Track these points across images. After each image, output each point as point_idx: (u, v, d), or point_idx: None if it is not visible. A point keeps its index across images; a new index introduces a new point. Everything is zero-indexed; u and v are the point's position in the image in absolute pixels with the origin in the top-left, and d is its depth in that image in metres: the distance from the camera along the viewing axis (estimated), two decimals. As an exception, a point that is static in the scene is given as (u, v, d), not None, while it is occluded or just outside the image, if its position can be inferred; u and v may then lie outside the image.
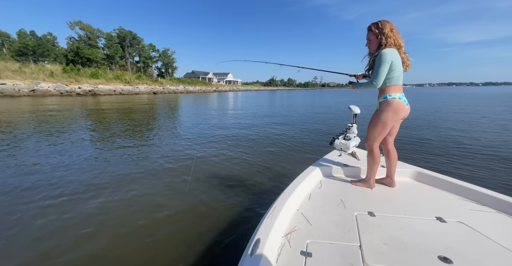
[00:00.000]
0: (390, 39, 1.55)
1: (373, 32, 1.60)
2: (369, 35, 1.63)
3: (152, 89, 38.21)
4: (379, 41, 1.59)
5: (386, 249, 1.02)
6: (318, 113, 11.87)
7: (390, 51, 1.52)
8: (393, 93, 1.59)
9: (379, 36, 1.57)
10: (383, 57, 1.52)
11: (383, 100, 1.62)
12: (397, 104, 1.59)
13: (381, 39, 1.57)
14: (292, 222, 1.24)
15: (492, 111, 11.61)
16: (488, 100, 19.37)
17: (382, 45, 1.57)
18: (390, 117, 1.60)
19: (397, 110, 1.59)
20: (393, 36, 1.56)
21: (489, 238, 1.12)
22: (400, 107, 1.59)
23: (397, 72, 1.56)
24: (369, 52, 1.71)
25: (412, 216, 1.33)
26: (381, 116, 1.62)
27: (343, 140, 2.18)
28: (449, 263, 0.94)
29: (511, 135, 6.05)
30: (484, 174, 3.34)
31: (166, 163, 3.92)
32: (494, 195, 1.47)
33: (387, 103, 1.60)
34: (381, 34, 1.57)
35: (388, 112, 1.60)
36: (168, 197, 2.74)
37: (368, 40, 1.65)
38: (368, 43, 1.67)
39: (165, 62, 56.56)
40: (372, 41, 1.62)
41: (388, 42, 1.55)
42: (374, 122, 1.66)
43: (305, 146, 5.13)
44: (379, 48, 1.58)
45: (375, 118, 1.67)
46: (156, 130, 6.91)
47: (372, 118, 1.69)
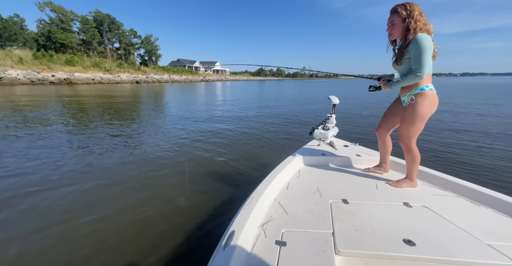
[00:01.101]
0: (420, 23, 1.38)
1: (399, 14, 1.40)
2: (394, 18, 1.43)
3: (134, 78, 36.38)
4: (406, 25, 1.40)
5: (356, 235, 1.07)
6: (303, 104, 11.83)
7: (427, 36, 1.34)
8: (429, 84, 1.46)
9: (407, 20, 1.39)
10: (425, 43, 1.33)
11: (419, 92, 1.45)
12: (434, 96, 1.46)
13: (409, 23, 1.38)
14: (269, 212, 1.25)
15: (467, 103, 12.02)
16: (465, 92, 20.15)
17: (411, 29, 1.38)
18: (429, 111, 1.47)
19: (434, 103, 1.47)
20: (423, 20, 1.40)
21: (449, 221, 1.20)
22: (436, 99, 1.48)
23: (430, 59, 1.40)
24: (391, 39, 1.53)
25: (382, 202, 1.40)
26: (419, 111, 1.46)
27: (322, 130, 2.22)
28: (412, 245, 1.01)
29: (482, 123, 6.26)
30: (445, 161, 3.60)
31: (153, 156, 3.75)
32: (454, 180, 1.56)
33: (424, 96, 1.45)
34: (409, 17, 1.38)
35: (426, 105, 1.45)
36: (142, 190, 2.65)
37: (391, 23, 1.46)
38: (390, 28, 1.47)
39: (148, 49, 53.61)
40: (397, 25, 1.43)
41: (418, 26, 1.37)
42: (412, 118, 1.49)
43: (288, 136, 5.11)
44: (407, 34, 1.40)
45: (412, 113, 1.48)
46: (142, 123, 6.57)
47: (407, 113, 1.51)
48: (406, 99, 1.53)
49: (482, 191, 1.44)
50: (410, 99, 1.49)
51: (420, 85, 1.45)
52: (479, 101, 12.60)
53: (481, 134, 5.23)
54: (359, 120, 6.94)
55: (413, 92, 1.47)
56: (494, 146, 4.35)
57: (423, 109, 1.45)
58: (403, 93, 1.56)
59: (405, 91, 1.53)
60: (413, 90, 1.47)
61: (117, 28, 46.36)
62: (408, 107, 1.51)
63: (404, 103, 1.56)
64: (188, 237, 1.88)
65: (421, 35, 1.35)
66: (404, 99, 1.56)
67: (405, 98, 1.55)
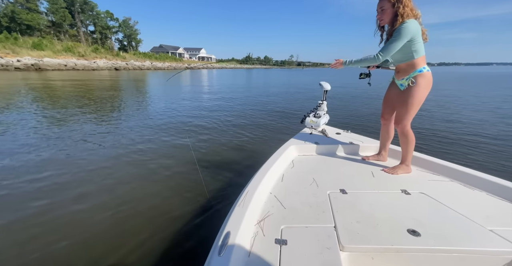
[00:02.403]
0: (408, 8, 1.36)
1: (388, 0, 1.39)
2: (383, 3, 1.42)
3: (113, 64, 34.08)
4: (395, 11, 1.39)
5: (359, 228, 1.03)
6: (292, 93, 11.64)
7: (412, 24, 1.35)
8: (425, 66, 1.46)
9: (396, 5, 1.37)
10: (404, 31, 1.34)
11: (418, 74, 1.45)
12: (431, 77, 1.47)
13: (398, 8, 1.37)
14: (265, 207, 1.18)
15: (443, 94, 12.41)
16: (446, 84, 20.87)
17: (399, 15, 1.37)
18: (426, 93, 1.48)
19: (430, 83, 1.48)
20: (410, 4, 1.38)
21: (449, 207, 1.19)
22: (432, 80, 1.48)
23: (420, 43, 1.42)
24: (380, 24, 1.51)
25: (380, 191, 1.37)
26: (419, 93, 1.45)
27: (314, 118, 2.17)
28: (417, 236, 0.98)
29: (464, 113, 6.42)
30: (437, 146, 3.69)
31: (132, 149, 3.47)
32: (447, 164, 1.58)
33: (423, 77, 1.44)
34: (398, 2, 1.36)
35: (425, 87, 1.46)
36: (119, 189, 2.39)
37: (381, 9, 1.44)
38: (380, 14, 1.46)
39: (127, 33, 50.07)
40: (386, 11, 1.42)
41: (406, 12, 1.36)
42: (412, 101, 1.47)
43: (279, 125, 4.97)
44: (395, 19, 1.41)
45: (411, 96, 1.47)
46: (123, 113, 6.13)
47: (406, 96, 1.49)
48: (405, 82, 1.51)
49: (475, 174, 1.45)
50: (410, 82, 1.48)
51: (418, 67, 1.45)
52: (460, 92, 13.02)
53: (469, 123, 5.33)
54: (347, 107, 6.91)
55: (412, 75, 1.46)
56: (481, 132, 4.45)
57: (422, 91, 1.46)
58: (400, 77, 1.55)
59: (402, 75, 1.52)
60: (412, 73, 1.46)
61: (91, 9, 42.55)
62: (407, 91, 1.50)
63: (402, 86, 1.55)
64: (175, 244, 1.63)
65: (406, 24, 1.34)
66: (402, 83, 1.54)
67: (403, 82, 1.53)
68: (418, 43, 1.40)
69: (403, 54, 1.46)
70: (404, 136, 1.58)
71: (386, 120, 1.78)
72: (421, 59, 1.45)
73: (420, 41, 1.41)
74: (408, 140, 1.57)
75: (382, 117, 1.81)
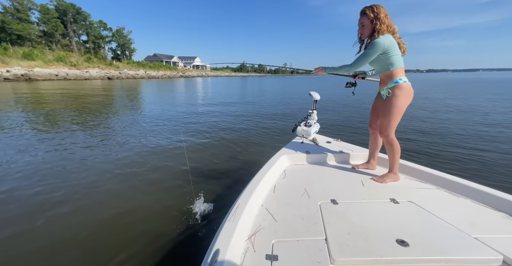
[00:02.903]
0: (384, 25, 1.48)
1: (368, 16, 1.49)
2: (363, 20, 1.52)
3: (106, 74, 33.80)
4: (373, 27, 1.50)
5: (350, 239, 1.03)
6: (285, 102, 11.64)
7: (384, 39, 1.45)
8: (403, 77, 1.53)
9: (374, 21, 1.48)
10: (375, 46, 1.45)
11: (394, 85, 1.53)
12: (409, 88, 1.53)
13: (375, 25, 1.48)
14: (257, 221, 1.16)
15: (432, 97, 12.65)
16: (436, 87, 21.38)
17: (376, 31, 1.49)
18: (405, 102, 1.53)
19: (410, 95, 1.54)
20: (387, 21, 1.49)
21: (435, 216, 1.20)
22: (411, 91, 1.55)
23: (396, 55, 1.50)
24: (360, 38, 1.62)
25: (370, 200, 1.37)
26: (397, 103, 1.52)
27: (305, 127, 2.20)
28: (406, 246, 0.98)
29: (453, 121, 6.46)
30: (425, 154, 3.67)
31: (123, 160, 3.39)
32: (433, 172, 1.59)
33: (399, 88, 1.51)
34: (376, 19, 1.47)
35: (403, 97, 1.52)
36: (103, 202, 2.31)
37: (362, 25, 1.54)
38: (361, 29, 1.56)
39: (120, 43, 50.06)
40: (366, 26, 1.53)
41: (382, 28, 1.48)
42: (391, 110, 1.54)
43: (271, 134, 4.98)
44: (373, 34, 1.51)
45: (390, 106, 1.54)
46: (113, 123, 5.97)
47: (387, 106, 1.56)
48: (384, 92, 1.59)
49: (459, 182, 1.47)
50: (387, 92, 1.55)
51: (394, 78, 1.52)
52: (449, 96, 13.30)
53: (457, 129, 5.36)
54: (337, 116, 6.89)
55: (389, 85, 1.54)
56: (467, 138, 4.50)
57: (400, 101, 1.51)
58: (381, 87, 1.64)
59: (383, 85, 1.62)
60: (389, 83, 1.54)
61: (84, 19, 42.57)
62: (386, 100, 1.57)
63: (384, 96, 1.61)
64: (162, 263, 1.56)
65: (378, 39, 1.44)
66: (383, 93, 1.62)
67: (383, 92, 1.61)
68: (393, 56, 1.48)
69: (380, 66, 1.57)
70: (389, 145, 1.62)
71: (374, 129, 1.82)
72: (398, 71, 1.52)
73: (396, 54, 1.49)
74: (393, 148, 1.61)
75: (370, 127, 1.85)
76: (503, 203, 1.28)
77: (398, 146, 1.61)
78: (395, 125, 1.57)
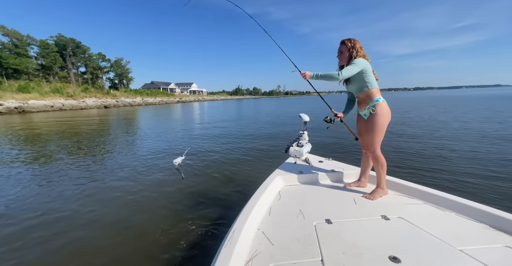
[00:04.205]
0: (360, 53, 1.69)
1: (346, 45, 1.72)
2: (342, 48, 1.75)
3: (103, 102, 33.50)
4: (350, 54, 1.71)
5: (344, 259, 1.03)
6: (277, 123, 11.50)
7: (363, 60, 1.66)
8: (381, 96, 1.67)
9: (351, 50, 1.69)
10: (357, 62, 1.64)
11: (376, 103, 1.65)
12: (387, 107, 1.67)
13: (352, 52, 1.70)
14: (253, 245, 1.16)
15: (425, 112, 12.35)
16: (420, 103, 21.50)
17: (353, 58, 1.69)
18: (386, 120, 1.66)
19: (389, 113, 1.67)
20: (362, 52, 1.71)
21: (424, 230, 1.24)
22: (389, 110, 1.68)
23: (372, 77, 1.69)
24: (340, 64, 1.83)
25: (362, 218, 1.39)
26: (380, 121, 1.64)
27: (297, 147, 2.26)
28: (398, 262, 1.00)
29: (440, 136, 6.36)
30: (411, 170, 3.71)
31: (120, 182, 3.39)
32: (420, 188, 1.66)
33: (381, 106, 1.64)
34: (353, 48, 1.70)
35: (384, 115, 1.64)
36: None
37: (340, 52, 1.77)
38: (339, 55, 1.79)
39: (118, 72, 51.11)
40: (344, 54, 1.74)
41: (358, 56, 1.68)
42: (375, 128, 1.65)
43: (266, 155, 4.99)
44: (350, 61, 1.69)
45: (374, 124, 1.65)
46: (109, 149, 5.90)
47: (370, 125, 1.67)
48: (367, 112, 1.70)
49: (445, 196, 1.51)
50: (371, 110, 1.66)
51: (374, 97, 1.67)
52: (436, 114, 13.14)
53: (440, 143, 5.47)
54: (327, 135, 6.86)
55: (371, 104, 1.67)
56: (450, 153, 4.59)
57: (381, 118, 1.63)
58: (362, 108, 1.76)
59: (363, 106, 1.74)
60: (371, 102, 1.67)
61: (83, 52, 43.80)
62: (370, 119, 1.67)
63: (366, 116, 1.72)
64: None
65: (360, 58, 1.66)
66: (364, 112, 1.73)
67: (365, 112, 1.72)
68: (370, 76, 1.67)
69: (359, 84, 1.70)
70: (375, 160, 1.71)
71: (364, 149, 1.86)
72: (376, 90, 1.68)
73: (371, 75, 1.68)
74: (379, 163, 1.69)
75: (363, 147, 1.88)
76: (483, 214, 1.33)
77: (384, 161, 1.69)
78: (380, 141, 1.66)
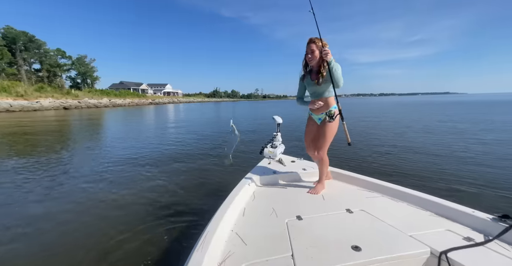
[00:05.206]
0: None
1: (316, 44, 1.67)
2: (314, 47, 1.68)
3: (62, 103, 30.09)
4: (320, 54, 1.67)
5: (313, 252, 1.08)
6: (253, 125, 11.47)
7: None
8: (335, 104, 1.74)
9: (322, 49, 1.62)
10: (339, 66, 1.63)
11: (334, 109, 1.73)
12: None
13: (321, 53, 1.63)
14: (227, 247, 1.16)
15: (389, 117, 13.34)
16: (387, 108, 23.32)
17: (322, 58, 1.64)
18: (337, 126, 1.78)
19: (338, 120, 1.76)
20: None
21: (381, 220, 1.36)
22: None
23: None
24: (311, 63, 1.75)
25: (330, 212, 1.49)
26: (334, 127, 1.76)
27: (271, 148, 2.32)
28: (359, 251, 1.08)
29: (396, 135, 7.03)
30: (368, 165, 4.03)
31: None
32: (379, 182, 1.82)
33: (335, 114, 1.73)
34: (323, 47, 1.63)
35: (337, 122, 1.76)
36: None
37: (312, 51, 1.69)
38: (312, 54, 1.69)
39: (81, 71, 46.65)
40: (315, 52, 1.68)
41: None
42: (330, 134, 1.77)
43: (242, 156, 4.90)
44: (320, 61, 1.70)
45: (330, 130, 1.76)
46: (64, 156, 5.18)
47: (326, 130, 1.76)
48: (322, 116, 1.80)
49: (398, 189, 1.68)
50: (328, 116, 1.75)
51: (332, 105, 1.75)
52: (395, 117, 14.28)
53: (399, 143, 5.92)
54: (299, 135, 7.06)
55: (330, 109, 1.75)
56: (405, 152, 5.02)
57: (335, 125, 1.76)
58: (319, 112, 1.81)
59: (321, 110, 1.79)
60: (330, 107, 1.75)
61: (38, 47, 39.12)
62: (326, 125, 1.76)
63: (320, 120, 1.83)
64: None
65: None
66: (320, 117, 1.82)
67: (321, 116, 1.81)
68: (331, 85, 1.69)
69: (326, 88, 1.73)
70: (323, 162, 1.85)
71: (311, 151, 1.93)
72: (333, 98, 1.75)
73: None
74: (325, 164, 1.87)
75: (308, 152, 1.97)
76: (429, 203, 1.49)
77: (328, 161, 1.88)
78: (329, 145, 1.83)
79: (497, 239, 1.13)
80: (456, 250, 1.06)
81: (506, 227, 1.15)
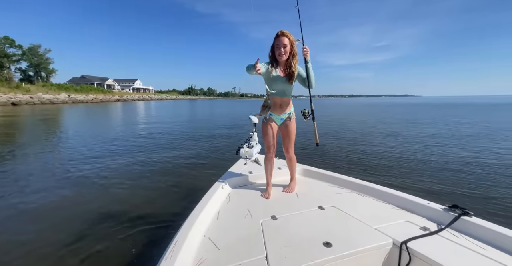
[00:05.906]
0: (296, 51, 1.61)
1: (289, 39, 1.56)
2: (286, 42, 1.55)
3: (9, 98, 26.41)
4: (291, 49, 1.58)
5: (287, 251, 1.09)
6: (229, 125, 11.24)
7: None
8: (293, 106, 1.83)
9: (292, 45, 1.57)
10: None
11: (292, 111, 1.81)
12: None
13: (292, 48, 1.57)
14: (198, 253, 1.11)
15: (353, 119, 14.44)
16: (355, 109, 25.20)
17: (293, 54, 1.59)
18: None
19: None
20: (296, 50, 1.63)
21: (350, 215, 1.41)
22: None
23: None
24: (282, 59, 1.61)
25: (303, 210, 1.51)
26: (295, 126, 1.82)
27: (248, 148, 2.30)
28: (330, 247, 1.11)
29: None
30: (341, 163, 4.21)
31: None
32: (348, 179, 1.90)
33: (294, 114, 1.82)
34: (293, 42, 1.57)
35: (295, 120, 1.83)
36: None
37: (285, 46, 1.56)
38: (284, 48, 1.57)
39: (34, 62, 41.44)
40: (288, 48, 1.57)
41: (296, 52, 1.60)
42: (294, 133, 1.82)
43: (216, 158, 4.76)
44: (291, 58, 1.60)
45: (294, 128, 1.81)
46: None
47: (291, 129, 1.79)
48: (284, 116, 1.79)
49: (365, 184, 1.77)
50: (291, 116, 1.79)
51: (292, 106, 1.79)
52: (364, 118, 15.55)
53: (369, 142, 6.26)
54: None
55: (290, 111, 1.79)
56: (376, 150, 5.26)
57: (294, 122, 1.81)
58: (280, 112, 1.77)
59: (283, 110, 1.76)
60: (291, 108, 1.79)
61: (-22, 32, 33.66)
62: (290, 124, 1.79)
63: (282, 120, 1.80)
64: None
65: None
66: (282, 117, 1.79)
67: (283, 116, 1.79)
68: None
69: (292, 89, 1.71)
70: (292, 160, 1.89)
71: (271, 153, 1.84)
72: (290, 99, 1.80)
73: None
74: (294, 162, 1.91)
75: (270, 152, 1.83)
76: (391, 197, 1.58)
77: (295, 159, 1.91)
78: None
79: (448, 227, 1.23)
80: (414, 239, 1.13)
81: (455, 216, 1.27)
